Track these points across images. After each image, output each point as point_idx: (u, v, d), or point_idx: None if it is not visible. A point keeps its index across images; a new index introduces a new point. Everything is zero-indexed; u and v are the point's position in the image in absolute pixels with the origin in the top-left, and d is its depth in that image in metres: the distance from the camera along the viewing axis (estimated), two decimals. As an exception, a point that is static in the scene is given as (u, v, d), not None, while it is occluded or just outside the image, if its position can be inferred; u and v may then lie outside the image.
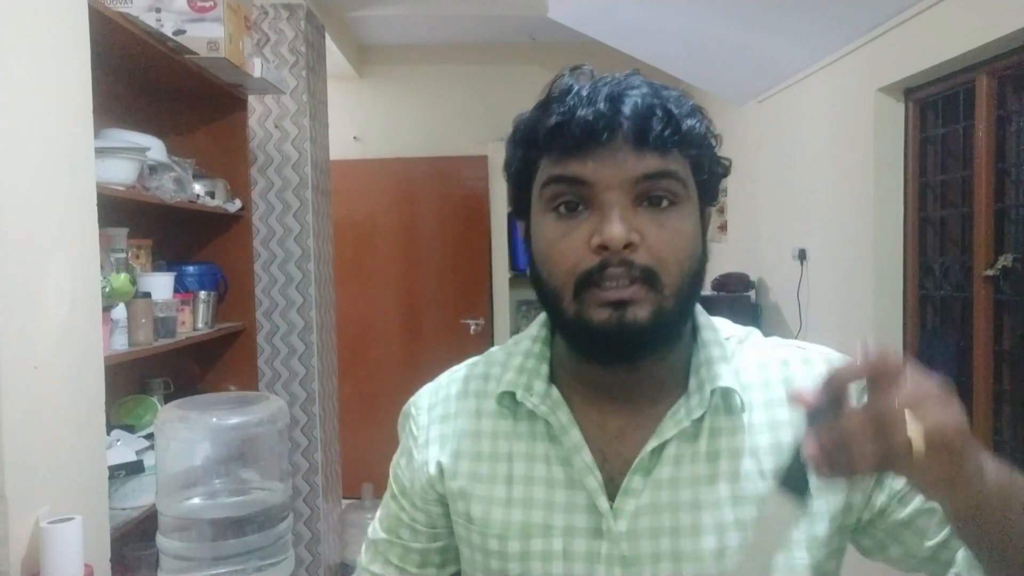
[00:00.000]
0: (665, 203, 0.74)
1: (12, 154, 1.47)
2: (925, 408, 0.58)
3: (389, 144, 4.82)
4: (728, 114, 4.27)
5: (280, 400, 2.15)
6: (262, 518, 1.96)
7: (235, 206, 2.81)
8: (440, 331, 4.84)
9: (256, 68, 2.67)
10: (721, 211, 4.57)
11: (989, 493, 0.64)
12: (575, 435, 0.80)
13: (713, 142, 0.79)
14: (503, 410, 0.85)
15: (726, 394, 0.80)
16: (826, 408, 0.60)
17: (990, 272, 2.34)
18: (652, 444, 0.78)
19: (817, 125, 3.28)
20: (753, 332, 0.88)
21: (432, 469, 0.87)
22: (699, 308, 0.86)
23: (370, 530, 0.97)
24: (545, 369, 0.84)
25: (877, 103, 2.80)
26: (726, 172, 0.82)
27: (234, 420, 1.98)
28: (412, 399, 0.94)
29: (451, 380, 0.92)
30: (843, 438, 0.58)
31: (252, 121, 3.32)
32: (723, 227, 4.50)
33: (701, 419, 0.79)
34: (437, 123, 4.86)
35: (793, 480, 0.64)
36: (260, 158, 3.41)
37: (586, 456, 0.80)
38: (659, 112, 0.73)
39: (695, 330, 0.84)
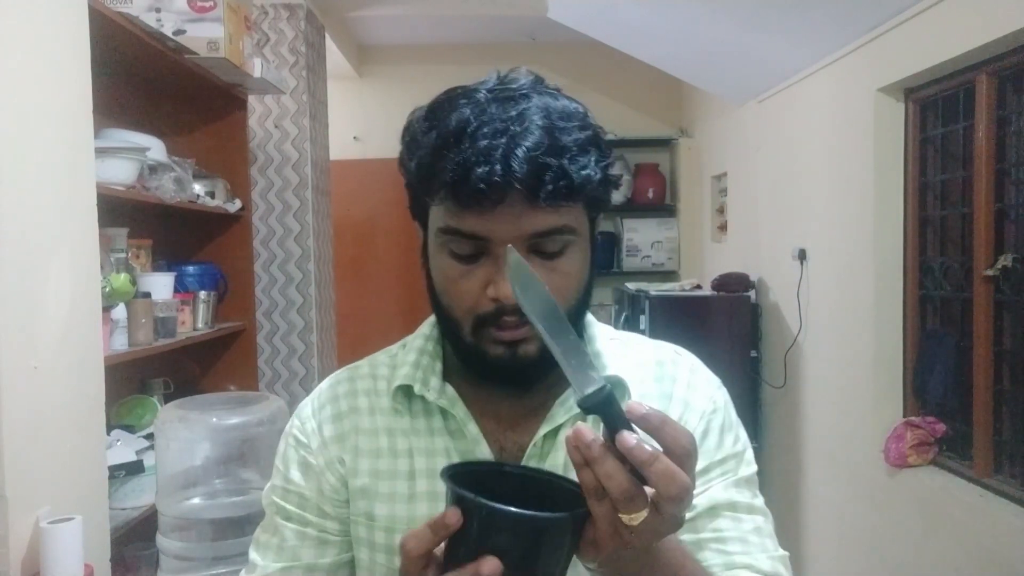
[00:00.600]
0: (556, 251, 0.77)
1: (12, 154, 1.47)
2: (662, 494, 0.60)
3: (389, 144, 4.78)
4: (728, 114, 4.27)
5: (280, 400, 2.15)
6: (262, 518, 1.95)
7: (235, 206, 2.81)
8: (440, 331, 4.84)
9: (256, 68, 2.67)
10: (721, 211, 4.57)
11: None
12: (472, 428, 0.83)
13: (610, 166, 0.79)
14: (397, 407, 0.86)
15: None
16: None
17: (990, 272, 2.34)
18: (544, 429, 0.82)
19: (817, 125, 3.28)
20: (634, 336, 0.94)
21: (341, 467, 0.86)
22: None
23: (249, 572, 0.88)
24: (439, 367, 0.87)
25: (877, 103, 2.80)
26: (617, 186, 0.85)
27: (234, 420, 1.98)
28: (289, 424, 0.92)
29: (335, 382, 0.92)
30: (593, 454, 0.61)
31: (252, 121, 3.32)
32: (723, 227, 4.50)
33: None
34: (437, 123, 4.84)
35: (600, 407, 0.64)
36: (260, 158, 3.41)
37: (483, 449, 0.82)
38: (553, 168, 0.73)
39: (580, 327, 0.87)
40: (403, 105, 0.84)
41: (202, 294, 2.67)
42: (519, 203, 0.73)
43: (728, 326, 3.73)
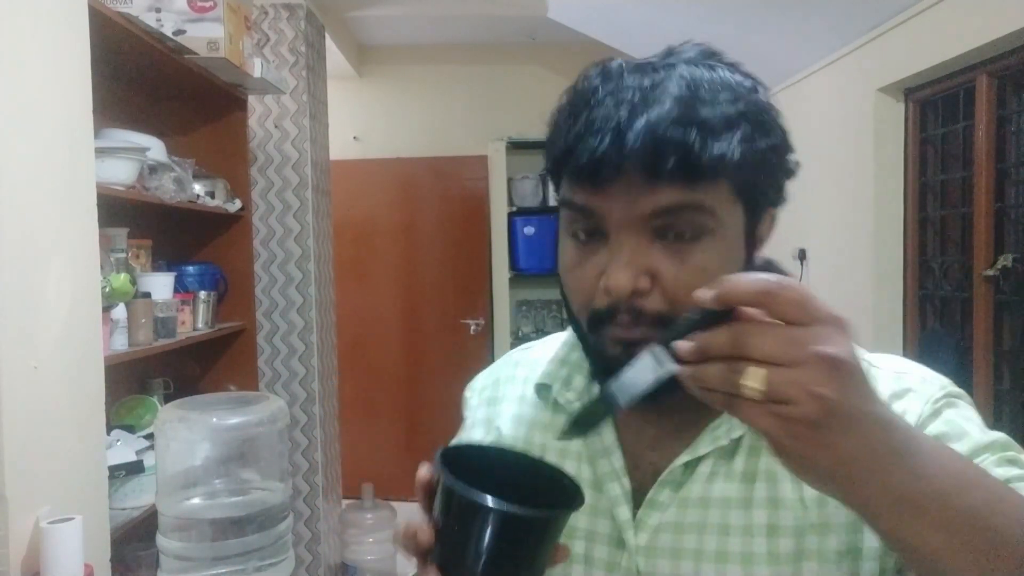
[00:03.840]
0: (689, 235, 0.66)
1: (12, 154, 1.47)
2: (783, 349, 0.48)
3: (389, 144, 4.82)
4: (728, 114, 4.26)
5: (280, 400, 2.15)
6: (262, 518, 1.95)
7: (235, 206, 2.81)
8: (440, 331, 4.84)
9: (256, 68, 2.67)
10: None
11: (928, 484, 0.51)
12: (608, 437, 0.77)
13: (771, 147, 0.71)
14: (542, 400, 0.82)
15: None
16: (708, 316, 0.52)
17: (990, 272, 2.34)
18: (685, 458, 0.73)
19: (817, 125, 3.27)
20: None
21: None
22: None
23: None
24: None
25: (877, 103, 2.80)
26: (791, 174, 0.75)
27: (234, 420, 1.98)
28: (472, 380, 0.93)
29: (504, 363, 0.91)
30: (703, 351, 0.51)
31: (252, 121, 3.32)
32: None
33: (740, 436, 0.73)
34: (437, 123, 4.86)
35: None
36: (260, 158, 3.41)
37: (616, 461, 0.76)
38: (675, 142, 0.63)
39: None
40: (403, 105, 0.83)
41: (202, 294, 2.67)
42: (638, 180, 0.64)
43: (728, 326, 3.73)
